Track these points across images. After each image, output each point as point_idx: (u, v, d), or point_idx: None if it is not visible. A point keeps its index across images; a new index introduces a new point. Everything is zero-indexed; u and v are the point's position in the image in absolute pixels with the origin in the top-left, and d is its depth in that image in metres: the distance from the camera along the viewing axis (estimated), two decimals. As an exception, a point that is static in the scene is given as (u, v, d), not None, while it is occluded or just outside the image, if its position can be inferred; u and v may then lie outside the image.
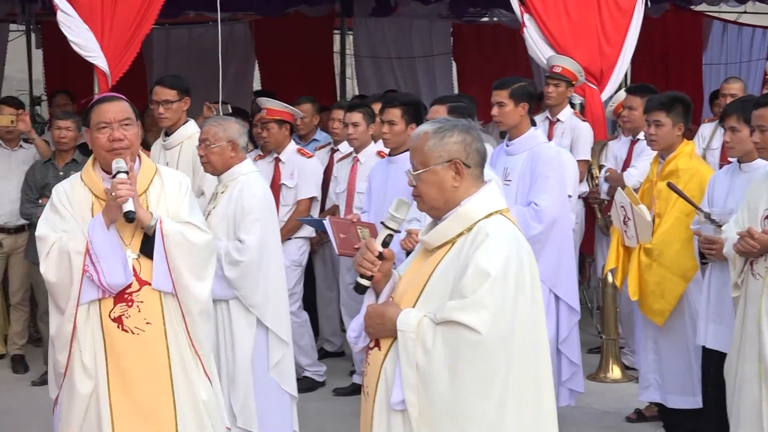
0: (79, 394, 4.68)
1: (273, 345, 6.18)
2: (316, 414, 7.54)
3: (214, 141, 6.11)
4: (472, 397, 3.42)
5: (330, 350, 9.15)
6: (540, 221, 6.53)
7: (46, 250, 4.64)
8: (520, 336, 3.47)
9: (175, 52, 14.19)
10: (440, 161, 3.61)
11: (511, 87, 6.72)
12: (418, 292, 3.59)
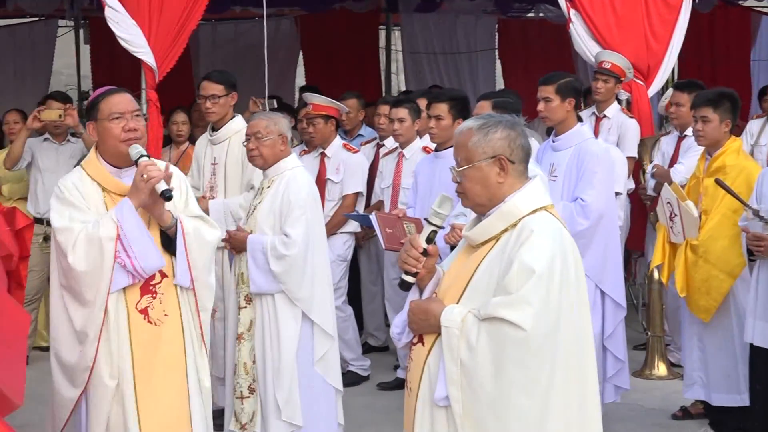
0: (107, 387, 4.69)
1: (318, 339, 6.19)
2: (361, 408, 7.56)
3: (266, 134, 6.13)
4: (516, 393, 3.41)
5: (374, 345, 9.17)
6: (586, 217, 6.50)
7: (72, 241, 4.59)
8: (564, 333, 3.46)
9: (221, 47, 14.27)
10: (484, 157, 3.60)
11: (558, 82, 6.69)
12: (462, 288, 3.59)
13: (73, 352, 4.69)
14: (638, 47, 8.79)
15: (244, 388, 6.17)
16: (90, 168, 4.78)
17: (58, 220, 4.66)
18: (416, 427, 3.62)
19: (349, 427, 6.80)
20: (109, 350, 4.68)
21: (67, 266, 4.62)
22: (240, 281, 6.22)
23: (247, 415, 6.14)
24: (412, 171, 7.76)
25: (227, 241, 6.25)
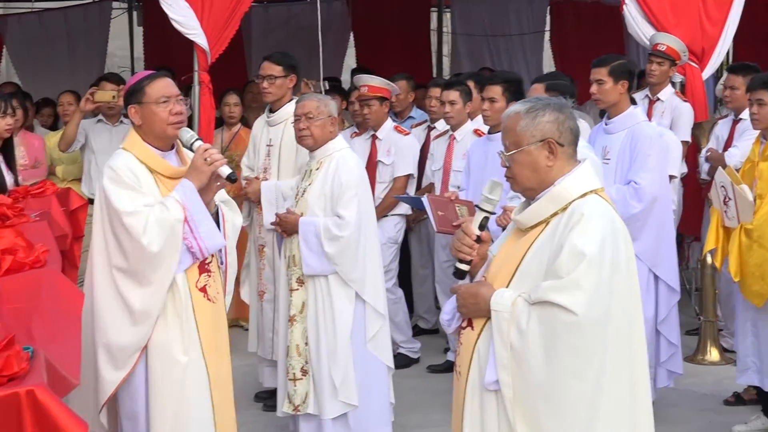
0: (179, 363, 4.75)
1: (370, 318, 6.23)
2: (411, 390, 7.58)
3: (316, 114, 6.17)
4: (567, 378, 3.40)
5: (424, 327, 9.19)
6: (640, 200, 6.49)
7: (143, 224, 4.61)
8: (615, 317, 3.45)
9: (273, 30, 14.30)
10: (533, 141, 3.59)
11: (611, 64, 6.66)
12: (512, 273, 3.58)
13: (123, 333, 4.70)
14: (693, 29, 8.70)
15: (296, 370, 6.19)
16: (137, 150, 4.78)
17: (123, 204, 4.64)
18: (466, 411, 3.62)
19: (398, 409, 6.83)
20: (180, 328, 4.75)
21: (135, 248, 4.63)
22: (291, 263, 6.24)
23: (300, 396, 6.17)
24: (463, 153, 7.76)
25: (277, 224, 6.28)
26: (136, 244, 4.62)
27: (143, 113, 4.77)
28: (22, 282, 3.94)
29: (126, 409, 4.79)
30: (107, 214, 4.69)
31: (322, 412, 6.13)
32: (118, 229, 4.66)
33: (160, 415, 4.75)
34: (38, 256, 4.16)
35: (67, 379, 3.42)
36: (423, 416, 7.08)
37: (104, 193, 4.69)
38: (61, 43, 14.29)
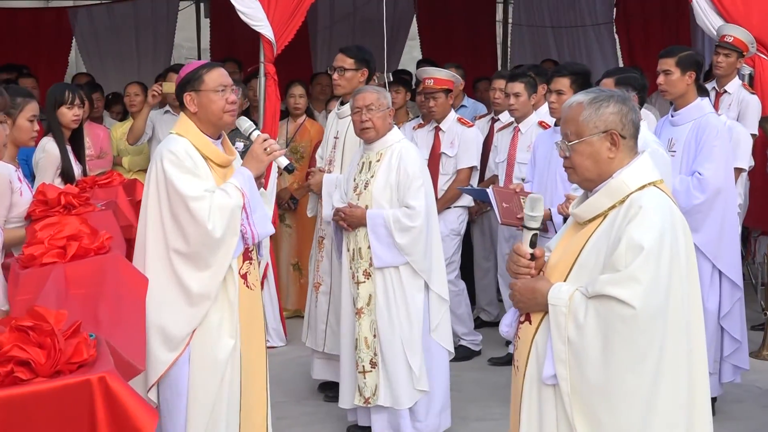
0: (227, 345, 4.82)
1: (434, 306, 6.28)
2: (472, 383, 7.60)
3: (378, 106, 6.22)
4: (625, 372, 3.40)
5: (486, 320, 9.18)
6: (703, 191, 6.45)
7: (207, 209, 4.67)
8: (673, 311, 3.43)
9: (338, 21, 14.31)
10: (596, 132, 3.59)
11: (679, 55, 6.61)
12: (570, 266, 3.58)
13: (179, 315, 4.75)
14: (763, 21, 8.59)
15: (366, 363, 6.23)
16: (192, 137, 4.82)
17: (188, 188, 4.69)
18: (523, 406, 3.63)
19: (459, 401, 6.86)
20: (231, 311, 4.81)
21: (199, 232, 4.68)
22: (357, 256, 6.27)
23: (369, 388, 6.22)
24: (527, 146, 7.74)
25: (341, 218, 6.31)
26: (201, 228, 4.68)
27: (200, 101, 4.84)
28: (87, 268, 4.00)
29: (170, 387, 4.83)
30: (167, 197, 4.72)
31: (397, 402, 6.18)
32: (182, 213, 4.70)
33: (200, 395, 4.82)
34: (102, 243, 4.22)
35: (132, 365, 3.47)
36: (483, 409, 7.08)
37: (165, 177, 4.71)
38: (129, 34, 14.42)
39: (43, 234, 4.15)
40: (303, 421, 6.85)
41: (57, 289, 3.82)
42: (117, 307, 3.83)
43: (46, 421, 2.83)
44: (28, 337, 2.92)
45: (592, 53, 13.98)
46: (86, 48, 14.59)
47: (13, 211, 5.05)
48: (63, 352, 2.92)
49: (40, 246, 4.08)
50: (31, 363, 2.87)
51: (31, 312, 3.04)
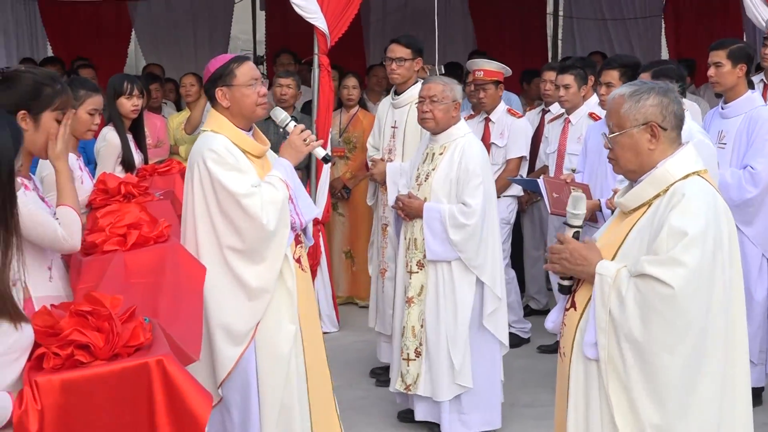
0: (288, 332, 4.83)
1: (488, 298, 6.23)
2: (521, 370, 7.59)
3: (441, 98, 6.16)
4: (660, 349, 3.40)
5: (535, 308, 9.16)
6: (756, 185, 6.40)
7: (259, 204, 4.66)
8: (716, 299, 3.42)
9: (390, 14, 14.33)
10: (636, 124, 3.58)
11: (730, 47, 6.54)
12: (614, 252, 3.59)
13: (241, 311, 4.75)
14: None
15: (411, 351, 6.24)
16: (227, 132, 4.81)
17: (238, 186, 4.67)
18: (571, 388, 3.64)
19: (508, 388, 6.84)
20: (290, 298, 4.83)
21: (254, 227, 4.68)
22: (412, 246, 6.26)
23: (411, 376, 6.22)
24: (577, 137, 7.71)
25: (400, 208, 6.31)
26: (256, 223, 4.67)
27: (233, 95, 4.81)
28: (147, 256, 4.01)
29: (240, 379, 4.83)
30: (214, 196, 4.69)
31: (436, 394, 6.17)
32: (234, 210, 4.68)
33: (269, 383, 4.83)
34: (162, 231, 4.22)
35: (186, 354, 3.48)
36: (532, 396, 7.07)
37: (210, 176, 4.68)
38: (187, 26, 14.52)
39: (104, 222, 4.17)
40: (356, 405, 6.87)
41: (117, 277, 3.85)
42: (175, 297, 3.85)
43: (106, 403, 2.86)
44: (87, 321, 2.94)
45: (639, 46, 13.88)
46: (145, 40, 14.72)
47: (75, 200, 5.08)
48: (120, 336, 2.94)
49: (102, 234, 4.10)
50: (91, 346, 2.90)
51: (88, 297, 3.07)
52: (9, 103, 3.86)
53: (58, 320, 2.95)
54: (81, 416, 2.82)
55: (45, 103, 3.93)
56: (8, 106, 3.84)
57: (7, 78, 3.92)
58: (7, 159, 2.85)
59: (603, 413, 3.50)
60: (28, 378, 2.84)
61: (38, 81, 3.94)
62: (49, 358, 2.88)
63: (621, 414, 3.45)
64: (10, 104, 3.86)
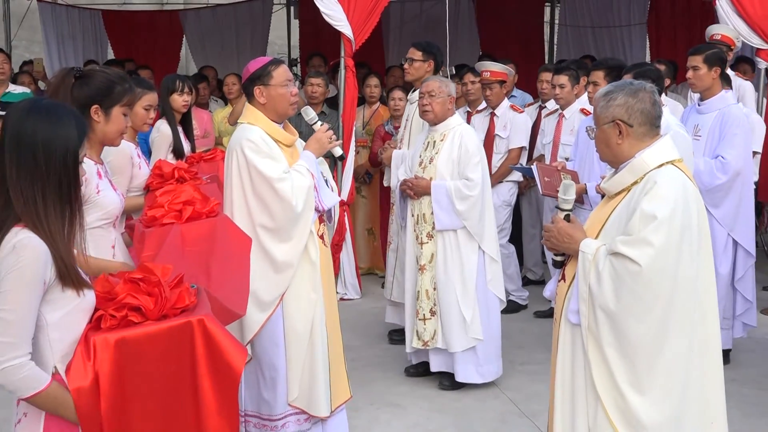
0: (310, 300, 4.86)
1: (488, 264, 6.33)
2: (519, 332, 7.62)
3: (438, 93, 6.28)
4: (630, 318, 3.40)
5: (532, 278, 9.16)
6: (725, 173, 6.48)
7: (290, 188, 4.68)
8: (684, 274, 3.42)
9: (407, 22, 14.27)
10: (606, 122, 3.60)
11: (705, 53, 6.59)
12: (598, 230, 3.60)
13: (268, 281, 4.75)
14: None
15: (426, 311, 6.29)
16: (262, 125, 4.81)
17: (272, 172, 4.68)
18: (559, 348, 3.64)
19: (507, 347, 6.88)
20: (313, 269, 4.85)
21: (285, 209, 4.69)
22: (421, 221, 6.32)
23: (428, 333, 6.29)
24: (570, 129, 7.77)
25: (408, 187, 6.34)
26: (287, 205, 4.69)
27: (269, 93, 4.81)
28: (200, 228, 4.03)
29: (269, 340, 4.86)
30: (250, 180, 4.70)
31: (451, 346, 6.25)
32: (267, 193, 4.69)
33: (295, 344, 4.85)
34: (213, 207, 4.25)
35: (231, 311, 3.50)
36: (528, 354, 7.08)
37: (246, 162, 4.69)
38: (230, 33, 14.52)
39: (163, 199, 4.20)
40: (374, 362, 6.90)
41: (175, 245, 3.87)
42: (226, 262, 3.87)
43: (154, 357, 2.87)
44: (139, 287, 2.96)
45: (626, 50, 13.82)
46: (194, 44, 14.73)
47: (134, 182, 5.12)
48: (168, 300, 2.95)
49: (161, 209, 4.13)
50: (142, 308, 2.91)
51: (141, 266, 3.08)
52: (84, 97, 3.92)
53: (114, 286, 2.97)
54: (133, 369, 2.84)
55: (115, 99, 3.98)
56: (83, 100, 3.91)
57: (84, 76, 3.96)
58: (73, 147, 2.87)
59: (585, 371, 3.52)
60: (87, 337, 2.86)
61: (110, 80, 3.99)
62: (106, 319, 2.90)
63: (598, 372, 3.47)
64: (86, 98, 3.92)
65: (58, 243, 2.80)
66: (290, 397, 4.85)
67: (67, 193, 2.85)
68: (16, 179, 2.80)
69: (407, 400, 6.14)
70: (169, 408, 2.90)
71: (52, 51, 13.59)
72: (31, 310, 2.75)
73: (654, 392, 3.42)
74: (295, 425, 4.88)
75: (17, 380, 2.74)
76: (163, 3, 15.67)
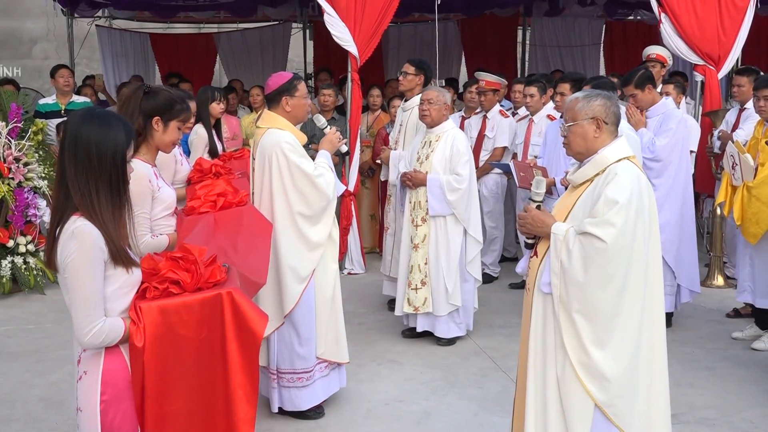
0: (332, 270, 4.98)
1: (470, 245, 6.36)
2: (497, 301, 7.59)
3: (436, 101, 6.29)
4: (596, 287, 3.38)
5: (507, 256, 9.12)
6: (652, 152, 6.47)
7: (325, 182, 4.80)
8: (637, 249, 3.41)
9: (404, 42, 14.24)
10: (586, 118, 3.56)
11: (634, 80, 6.58)
12: (566, 215, 3.57)
13: (305, 258, 4.83)
14: (712, 41, 8.43)
15: (417, 282, 6.31)
16: (290, 129, 4.85)
17: (311, 169, 4.77)
18: (532, 315, 3.61)
19: (486, 313, 6.89)
20: (333, 245, 4.95)
21: (321, 198, 4.80)
22: (417, 207, 6.34)
23: (420, 300, 6.32)
24: (539, 132, 7.74)
25: (408, 179, 6.36)
26: (323, 195, 4.80)
27: (293, 103, 4.85)
28: (231, 215, 4.06)
29: (304, 305, 4.89)
30: (290, 175, 4.75)
31: (437, 310, 6.31)
32: (306, 186, 4.77)
33: (322, 306, 4.97)
34: (242, 198, 4.26)
35: (254, 282, 3.49)
36: (504, 319, 7.05)
37: (287, 161, 4.73)
38: (256, 52, 14.48)
39: (201, 192, 4.23)
40: (377, 327, 6.88)
41: (208, 228, 3.88)
42: (251, 238, 3.88)
43: (190, 322, 2.86)
44: (178, 264, 2.94)
45: (585, 66, 13.80)
46: (226, 61, 14.69)
47: (177, 176, 5.11)
48: (202, 275, 2.94)
49: (198, 200, 4.16)
50: (180, 282, 2.90)
51: (180, 247, 3.06)
52: (150, 109, 3.92)
53: (158, 263, 2.95)
54: (173, 332, 2.83)
55: (174, 114, 3.98)
56: (149, 111, 3.92)
57: (152, 91, 3.96)
58: (121, 149, 2.86)
59: (555, 332, 3.49)
60: (135, 305, 2.85)
61: (172, 98, 3.99)
62: (150, 290, 2.89)
63: (567, 334, 3.44)
64: (151, 110, 3.93)
65: (110, 229, 2.80)
66: (318, 351, 4.97)
67: (116, 187, 2.85)
68: (74, 175, 2.82)
69: (404, 358, 6.12)
70: (202, 365, 2.89)
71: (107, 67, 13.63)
72: (97, 285, 2.78)
73: (613, 348, 3.41)
74: (320, 373, 5.03)
75: (103, 338, 2.79)
76: (201, 27, 15.57)
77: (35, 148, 8.09)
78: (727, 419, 5.04)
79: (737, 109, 8.05)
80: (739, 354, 6.21)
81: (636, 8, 13.46)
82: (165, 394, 2.84)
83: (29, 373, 5.79)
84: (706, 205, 9.14)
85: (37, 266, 7.90)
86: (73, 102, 9.11)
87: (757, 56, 11.94)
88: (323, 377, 5.03)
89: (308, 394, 4.97)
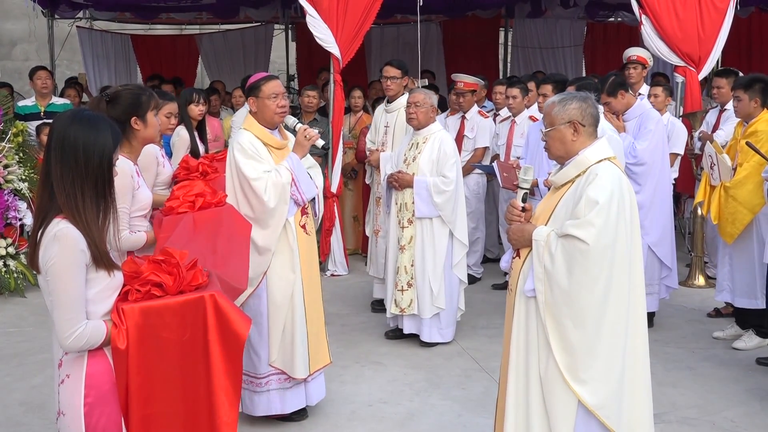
0: (288, 279, 4.81)
1: (456, 248, 6.33)
2: (480, 302, 7.59)
3: (423, 103, 6.27)
4: (581, 290, 3.37)
5: (490, 257, 9.15)
6: (634, 156, 6.48)
7: (264, 186, 4.66)
8: (619, 249, 3.40)
9: (386, 44, 14.22)
10: (563, 122, 3.56)
11: (606, 89, 6.60)
12: (548, 217, 3.57)
13: (252, 262, 4.65)
14: (692, 42, 8.47)
15: (404, 284, 6.30)
16: (254, 130, 4.79)
17: (250, 172, 4.66)
18: (515, 316, 3.61)
19: (470, 314, 6.89)
20: (291, 252, 4.80)
21: (259, 203, 4.67)
22: (404, 209, 6.33)
23: (405, 301, 6.31)
24: (521, 133, 7.80)
25: (394, 180, 6.36)
26: (260, 200, 4.67)
27: (258, 104, 4.79)
28: (210, 216, 4.03)
29: (254, 310, 4.81)
30: (237, 177, 4.69)
31: (422, 312, 6.29)
32: (247, 189, 4.68)
33: (275, 315, 4.83)
34: (220, 199, 4.24)
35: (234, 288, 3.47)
36: (488, 320, 7.06)
37: (234, 162, 4.69)
38: (238, 53, 14.44)
39: (179, 192, 4.20)
40: (360, 328, 6.87)
41: (187, 230, 3.86)
42: (229, 242, 3.85)
43: (173, 325, 2.85)
44: (160, 267, 2.93)
45: (567, 67, 13.85)
46: (208, 63, 14.64)
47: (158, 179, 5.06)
48: (185, 278, 2.93)
49: (177, 200, 4.13)
50: (163, 285, 2.89)
51: (162, 251, 3.06)
52: (121, 114, 3.92)
53: (140, 266, 2.95)
54: (155, 334, 2.82)
55: (145, 107, 3.98)
56: (121, 117, 3.92)
57: (113, 98, 3.95)
58: (108, 152, 2.85)
59: (538, 332, 3.49)
60: (117, 307, 2.84)
61: (135, 93, 3.99)
62: (132, 293, 2.87)
63: (554, 336, 3.42)
64: (122, 115, 3.92)
65: (93, 232, 2.79)
66: (271, 358, 4.84)
67: (102, 190, 2.84)
68: (60, 176, 2.80)
69: (387, 359, 6.12)
70: (185, 367, 2.88)
71: (89, 68, 13.54)
72: (79, 289, 2.76)
73: (602, 353, 3.39)
74: (277, 383, 4.88)
75: (85, 341, 2.78)
76: (183, 28, 15.53)
77: (15, 150, 8.04)
78: (709, 418, 5.08)
79: (717, 110, 8.11)
80: (721, 353, 6.26)
81: (617, 10, 13.53)
82: (149, 396, 2.83)
83: (10, 376, 5.76)
84: (687, 205, 9.21)
85: (17, 269, 7.85)
86: (53, 104, 9.06)
87: (737, 58, 12.04)
88: (284, 389, 4.89)
89: (262, 402, 4.86)
